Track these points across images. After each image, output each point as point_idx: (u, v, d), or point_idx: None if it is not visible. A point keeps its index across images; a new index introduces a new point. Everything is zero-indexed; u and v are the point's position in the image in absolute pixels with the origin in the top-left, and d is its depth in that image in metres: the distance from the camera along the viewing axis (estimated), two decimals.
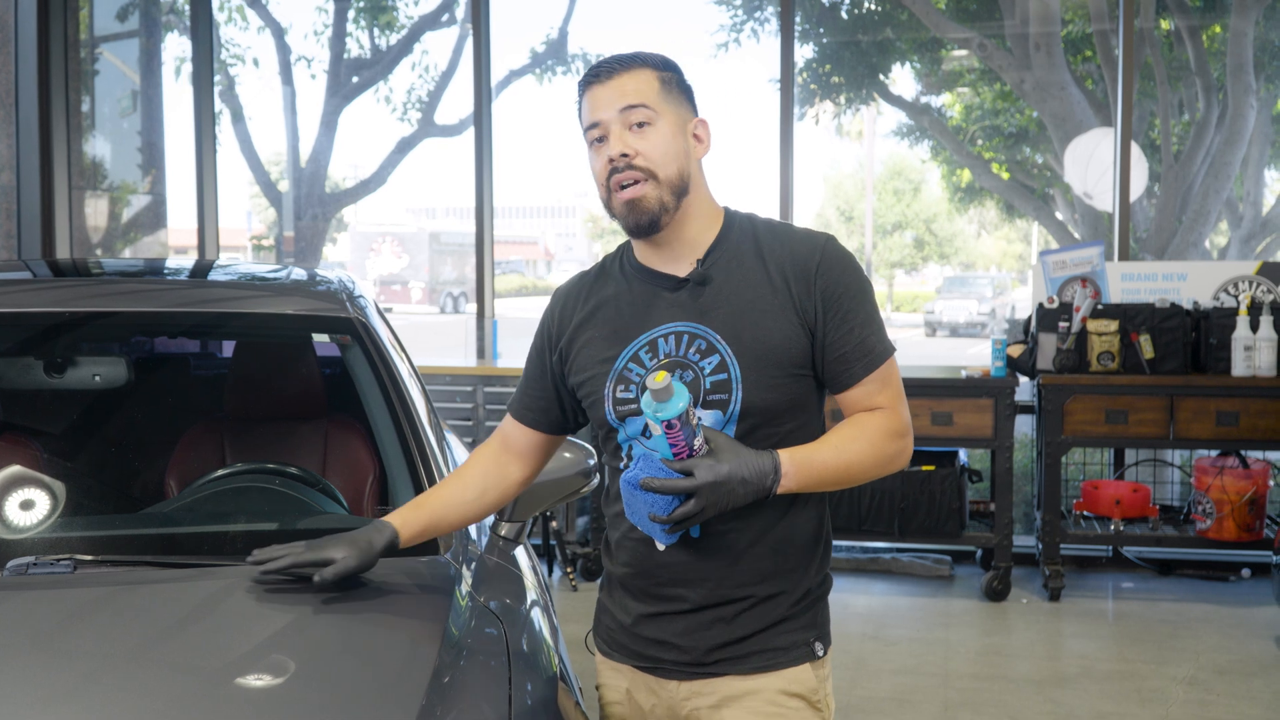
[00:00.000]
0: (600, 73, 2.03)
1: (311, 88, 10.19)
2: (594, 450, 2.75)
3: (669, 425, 1.85)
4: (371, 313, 3.06)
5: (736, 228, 2.09)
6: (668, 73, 2.05)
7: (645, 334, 2.06)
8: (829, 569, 2.14)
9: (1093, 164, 7.97)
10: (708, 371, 1.99)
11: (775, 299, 2.01)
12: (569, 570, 6.01)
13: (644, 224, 2.02)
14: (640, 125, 2.00)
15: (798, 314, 2.00)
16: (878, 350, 2.02)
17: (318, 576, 2.10)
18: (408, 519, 2.19)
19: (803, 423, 2.05)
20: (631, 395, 2.03)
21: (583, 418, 2.20)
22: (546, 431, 2.24)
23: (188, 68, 7.68)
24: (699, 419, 1.93)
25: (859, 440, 1.99)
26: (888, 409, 2.03)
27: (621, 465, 2.07)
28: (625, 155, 2.00)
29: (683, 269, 2.07)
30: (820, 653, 2.09)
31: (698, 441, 1.89)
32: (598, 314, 2.12)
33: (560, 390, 2.18)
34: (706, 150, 2.08)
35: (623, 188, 2.01)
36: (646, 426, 2.00)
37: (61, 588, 2.20)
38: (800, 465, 1.94)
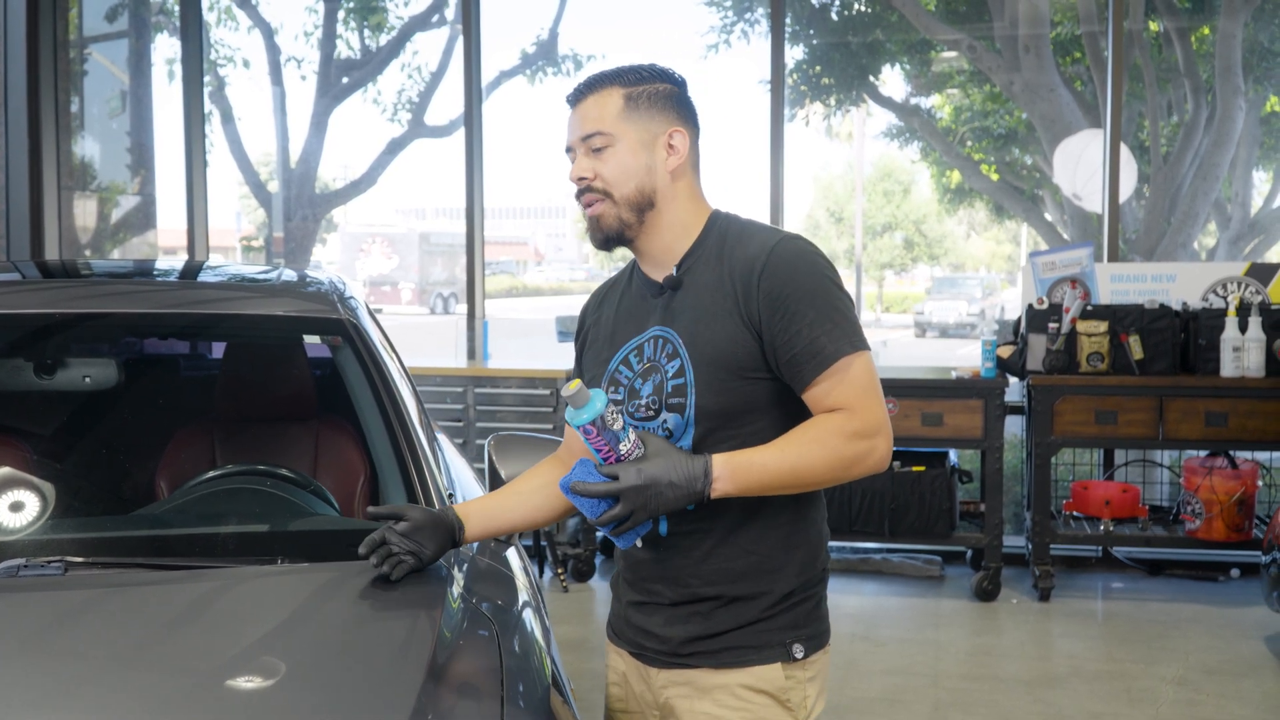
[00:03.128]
0: (572, 95, 2.12)
1: (301, 88, 10.19)
2: None
3: (586, 431, 1.90)
4: (362, 314, 3.06)
5: (714, 232, 2.10)
6: (639, 87, 2.07)
7: (634, 339, 2.13)
8: (822, 571, 2.14)
9: (1082, 165, 8.00)
10: (670, 375, 2.05)
11: (725, 303, 2.02)
12: (560, 571, 6.01)
13: (599, 240, 2.10)
14: (597, 150, 2.07)
15: (742, 317, 2.00)
16: (829, 350, 1.95)
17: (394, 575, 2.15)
18: (469, 510, 2.23)
19: (763, 426, 2.03)
20: (620, 397, 2.10)
21: None
22: None
23: (178, 69, 7.66)
24: (624, 423, 1.95)
25: (810, 443, 1.95)
26: (849, 409, 1.96)
27: None
28: (584, 178, 2.08)
29: (664, 275, 2.12)
30: (799, 654, 2.09)
31: (624, 446, 1.92)
32: (603, 318, 2.22)
33: None
34: (682, 159, 2.08)
35: (585, 207, 2.10)
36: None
37: (52, 590, 2.19)
38: (737, 468, 1.93)
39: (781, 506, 2.06)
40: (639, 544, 2.09)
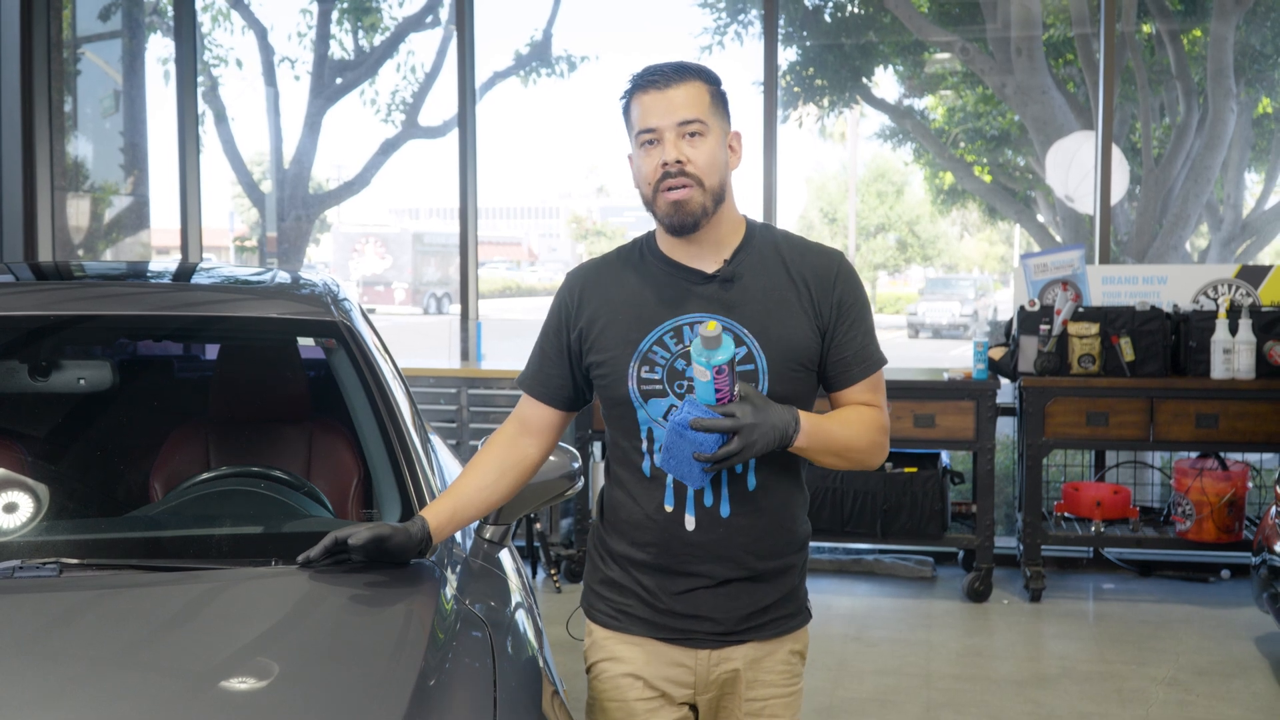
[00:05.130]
0: (658, 79, 2.18)
1: (295, 89, 10.18)
2: (578, 453, 2.78)
3: (719, 370, 2.02)
4: (356, 316, 3.07)
5: (759, 234, 2.28)
6: (716, 87, 2.23)
7: (671, 320, 2.22)
8: None
9: (1074, 167, 8.01)
10: (735, 361, 2.14)
11: (798, 302, 2.22)
12: (553, 572, 6.02)
13: (688, 224, 2.18)
14: (693, 135, 2.17)
15: (815, 317, 2.22)
16: (875, 358, 2.26)
17: (353, 539, 2.21)
18: (434, 509, 2.32)
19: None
20: (657, 376, 2.19)
21: (589, 396, 2.35)
22: (562, 409, 2.37)
23: (172, 69, 7.65)
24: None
25: (857, 424, 2.22)
26: (876, 407, 2.27)
27: (643, 447, 2.23)
28: (680, 162, 2.16)
29: (709, 265, 2.24)
30: (810, 615, 2.38)
31: (737, 389, 2.06)
32: (621, 298, 2.26)
33: (575, 368, 2.31)
34: (738, 162, 2.27)
35: (670, 190, 2.16)
36: (670, 410, 2.18)
37: (47, 591, 2.20)
38: (814, 427, 2.14)
39: (801, 489, 2.31)
40: (690, 527, 2.20)
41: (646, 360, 2.20)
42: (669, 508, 2.22)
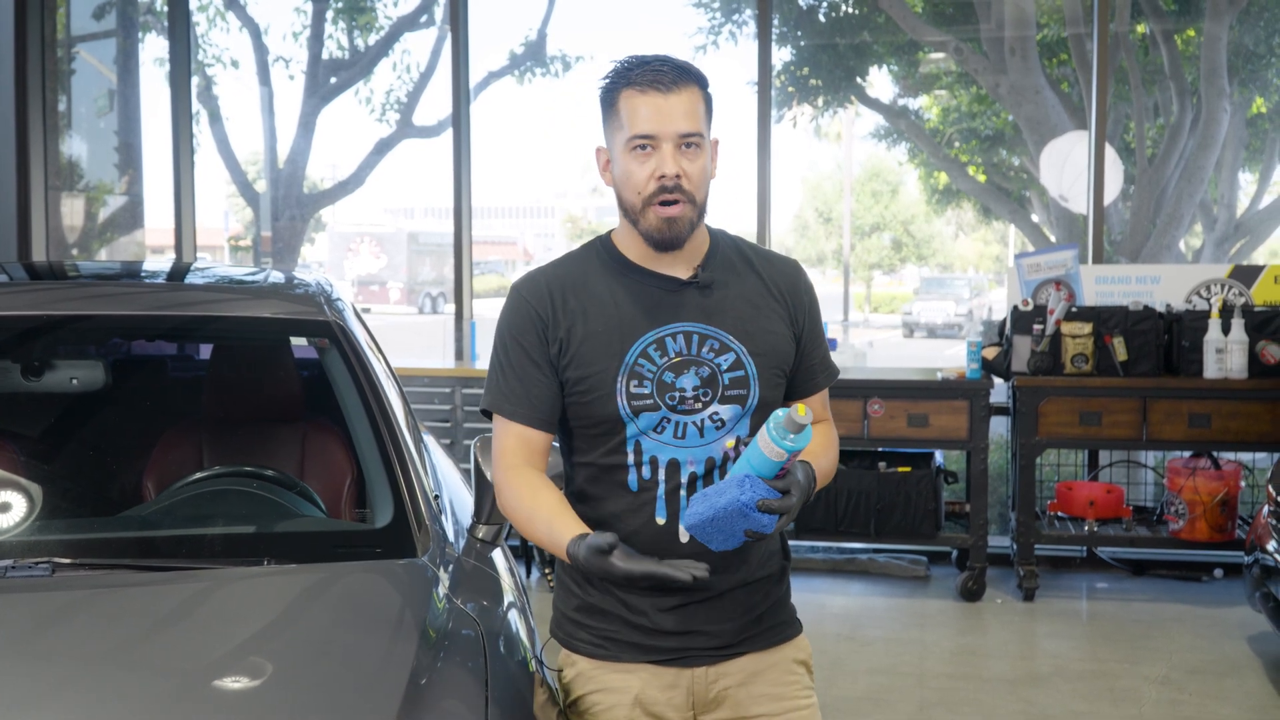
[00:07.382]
0: (661, 82, 2.04)
1: (289, 88, 10.19)
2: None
3: (792, 454, 1.92)
4: (349, 315, 3.07)
5: (722, 241, 2.21)
6: (707, 91, 2.11)
7: (653, 331, 2.10)
8: None
9: (1068, 167, 8.03)
10: (724, 368, 2.10)
11: (777, 308, 2.18)
12: (547, 571, 6.02)
13: (676, 242, 2.09)
14: (689, 147, 2.06)
15: (791, 324, 2.19)
16: (833, 368, 2.28)
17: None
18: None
19: None
20: (646, 390, 2.06)
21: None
22: (554, 432, 2.17)
23: (167, 68, 7.65)
24: None
25: (831, 450, 2.22)
26: (830, 421, 2.27)
27: (628, 460, 2.08)
28: (678, 176, 2.04)
29: (680, 272, 2.14)
30: (801, 625, 2.28)
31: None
32: (595, 308, 2.11)
33: (559, 384, 2.12)
34: (716, 171, 2.17)
35: (665, 204, 2.05)
36: (661, 423, 2.07)
37: (39, 590, 2.20)
38: (820, 476, 2.11)
39: None
40: (685, 539, 2.06)
41: (634, 374, 2.07)
42: (661, 521, 2.08)
